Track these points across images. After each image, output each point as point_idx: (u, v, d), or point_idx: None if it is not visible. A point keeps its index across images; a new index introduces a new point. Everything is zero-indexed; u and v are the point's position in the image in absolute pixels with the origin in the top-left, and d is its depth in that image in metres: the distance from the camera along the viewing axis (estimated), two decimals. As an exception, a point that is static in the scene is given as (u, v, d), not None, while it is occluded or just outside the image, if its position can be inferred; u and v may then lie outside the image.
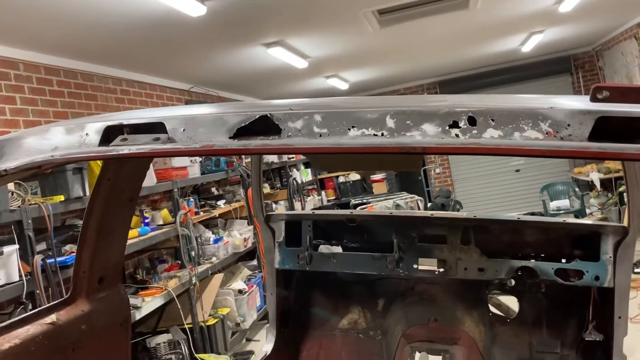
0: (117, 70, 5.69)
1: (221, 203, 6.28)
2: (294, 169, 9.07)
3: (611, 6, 6.76)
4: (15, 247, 3.28)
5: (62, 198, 3.72)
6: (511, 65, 10.23)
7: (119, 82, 5.77)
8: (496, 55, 9.23)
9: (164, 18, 4.29)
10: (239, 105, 1.26)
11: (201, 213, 5.70)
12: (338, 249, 2.92)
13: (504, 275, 2.55)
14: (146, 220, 4.78)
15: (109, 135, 1.20)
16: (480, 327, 2.78)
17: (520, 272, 2.53)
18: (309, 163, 9.53)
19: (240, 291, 5.63)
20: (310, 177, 9.71)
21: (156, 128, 1.16)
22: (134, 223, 4.59)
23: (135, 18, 4.21)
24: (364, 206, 7.25)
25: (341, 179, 10.54)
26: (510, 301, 2.80)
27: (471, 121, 0.96)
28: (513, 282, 2.58)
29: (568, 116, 0.92)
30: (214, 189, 6.81)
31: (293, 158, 8.77)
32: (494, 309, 2.82)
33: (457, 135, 0.97)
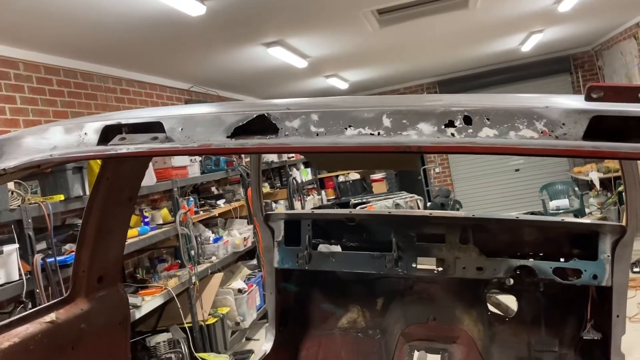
0: (116, 69, 5.69)
1: (221, 202, 6.28)
2: (294, 169, 9.06)
3: (610, 6, 6.76)
4: (15, 246, 3.29)
5: (62, 197, 3.73)
6: (511, 64, 10.22)
7: (118, 81, 5.77)
8: (496, 54, 9.22)
9: (164, 18, 4.30)
10: (236, 104, 1.27)
11: (201, 212, 5.70)
12: (337, 248, 2.92)
13: (502, 275, 2.56)
14: (146, 220, 4.78)
15: (107, 134, 1.21)
16: (479, 326, 2.79)
17: (518, 271, 2.53)
18: (309, 162, 9.52)
19: (240, 290, 5.64)
20: (310, 177, 9.70)
21: (154, 127, 1.17)
22: (133, 222, 4.60)
23: (135, 18, 4.22)
24: (364, 205, 7.25)
25: (341, 178, 10.53)
26: (510, 300, 2.80)
27: (467, 120, 0.97)
28: (512, 281, 2.59)
29: (563, 115, 0.92)
30: (213, 189, 6.82)
31: (293, 157, 8.76)
32: (493, 308, 2.83)
33: (452, 135, 0.97)
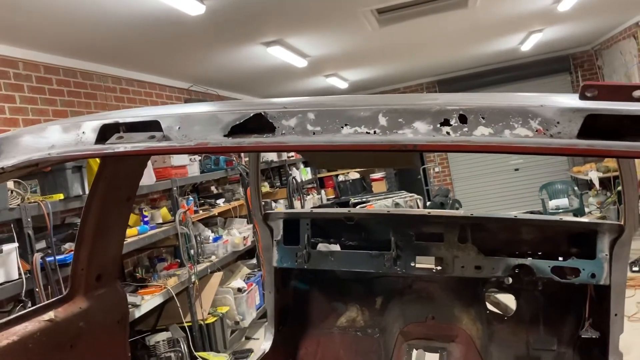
0: (116, 69, 5.70)
1: (220, 202, 6.29)
2: (294, 168, 9.06)
3: (610, 5, 6.76)
4: (15, 245, 3.29)
5: (61, 196, 3.73)
6: (510, 64, 10.22)
7: (118, 80, 5.78)
8: (495, 54, 9.22)
9: (163, 17, 4.30)
10: (233, 103, 1.27)
11: (200, 212, 5.71)
12: (336, 247, 2.92)
13: (500, 273, 2.56)
14: (145, 219, 4.78)
15: (105, 133, 1.21)
16: (478, 324, 2.79)
17: (517, 270, 2.54)
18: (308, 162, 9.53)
19: (239, 290, 5.64)
20: (309, 176, 9.70)
21: (152, 126, 1.18)
22: (133, 221, 4.60)
23: (134, 17, 4.22)
24: (363, 205, 7.25)
25: (340, 177, 10.53)
26: (509, 299, 2.81)
27: (462, 119, 0.97)
28: (510, 280, 2.59)
29: (557, 114, 0.93)
30: (213, 188, 6.82)
31: (293, 157, 8.76)
32: (491, 306, 2.83)
33: (448, 133, 0.98)
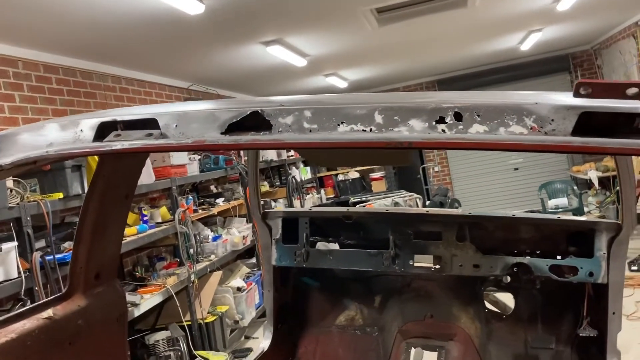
0: (116, 68, 5.70)
1: (220, 201, 6.29)
2: (293, 167, 9.06)
3: (609, 5, 6.77)
4: (14, 244, 3.29)
5: (61, 195, 3.74)
6: (510, 63, 10.23)
7: (118, 80, 5.78)
8: (495, 53, 9.23)
9: (163, 16, 4.31)
10: (230, 101, 1.28)
11: (200, 211, 5.71)
12: (335, 245, 2.93)
13: (498, 272, 2.57)
14: (145, 218, 4.79)
15: (103, 131, 1.22)
16: (476, 323, 2.80)
17: (515, 269, 2.54)
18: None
19: (238, 289, 5.64)
20: (309, 176, 9.70)
21: (149, 124, 1.18)
22: (133, 221, 4.61)
23: (134, 16, 4.22)
24: (363, 204, 7.26)
25: (340, 177, 10.54)
26: (507, 298, 2.82)
27: (457, 117, 0.98)
28: (508, 279, 2.60)
29: (552, 112, 0.93)
30: (212, 187, 6.81)
31: (292, 156, 8.77)
32: (490, 305, 2.84)
33: (443, 131, 0.98)
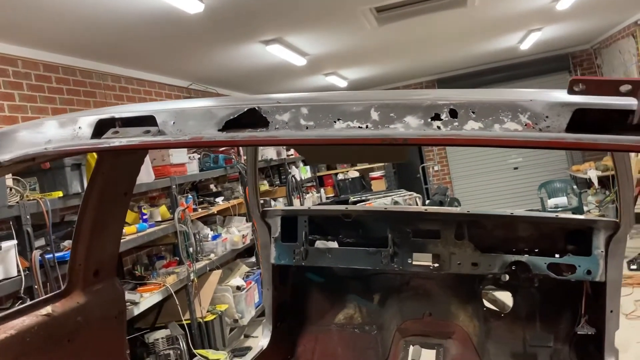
0: (115, 67, 5.71)
1: (219, 200, 6.29)
2: (293, 167, 9.06)
3: (609, 4, 6.77)
4: (14, 242, 3.30)
5: (60, 194, 3.74)
6: (510, 63, 10.22)
7: (117, 79, 5.79)
8: (495, 53, 9.23)
9: (163, 15, 4.31)
10: (227, 98, 1.28)
11: (199, 210, 5.72)
12: (334, 244, 2.93)
13: (497, 270, 2.57)
14: (144, 217, 4.79)
15: (101, 128, 1.23)
16: (475, 321, 2.81)
17: (513, 267, 2.55)
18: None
19: (238, 288, 5.65)
20: (309, 175, 9.71)
21: (147, 121, 1.19)
22: (132, 219, 4.61)
23: (133, 15, 4.23)
24: (363, 203, 7.27)
25: (340, 176, 10.54)
26: (505, 296, 2.82)
27: (452, 113, 0.98)
28: (507, 277, 2.61)
29: (546, 108, 0.94)
30: (212, 186, 6.82)
31: (292, 155, 8.77)
32: (488, 303, 2.85)
33: (438, 127, 0.99)
